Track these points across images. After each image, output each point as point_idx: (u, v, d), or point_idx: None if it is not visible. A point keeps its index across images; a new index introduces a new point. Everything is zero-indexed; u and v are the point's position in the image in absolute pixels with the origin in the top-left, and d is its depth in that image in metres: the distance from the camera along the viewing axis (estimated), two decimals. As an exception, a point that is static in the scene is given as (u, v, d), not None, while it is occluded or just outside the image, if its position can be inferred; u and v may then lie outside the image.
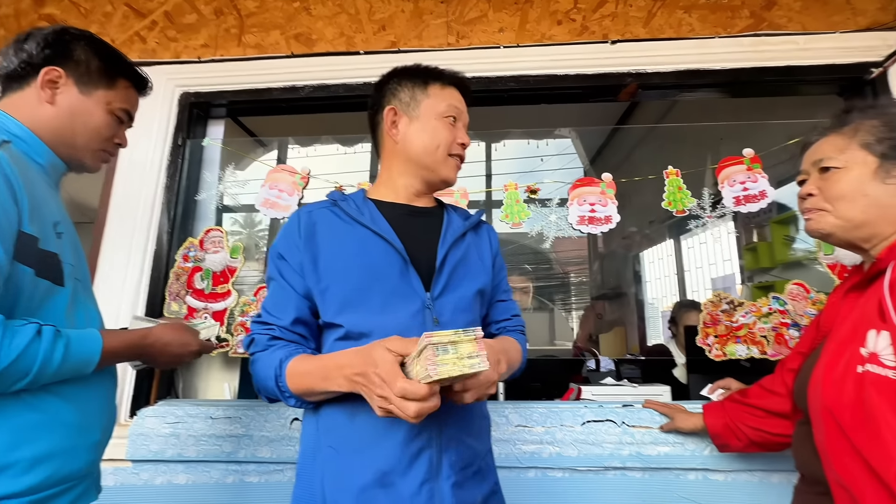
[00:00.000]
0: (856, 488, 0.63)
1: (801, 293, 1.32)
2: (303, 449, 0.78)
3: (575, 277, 4.46)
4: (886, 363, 0.61)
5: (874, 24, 1.46)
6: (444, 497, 0.68)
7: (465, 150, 0.87)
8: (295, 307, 0.76)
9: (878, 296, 0.65)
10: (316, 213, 0.81)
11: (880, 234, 0.73)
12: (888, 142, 0.73)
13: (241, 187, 1.54)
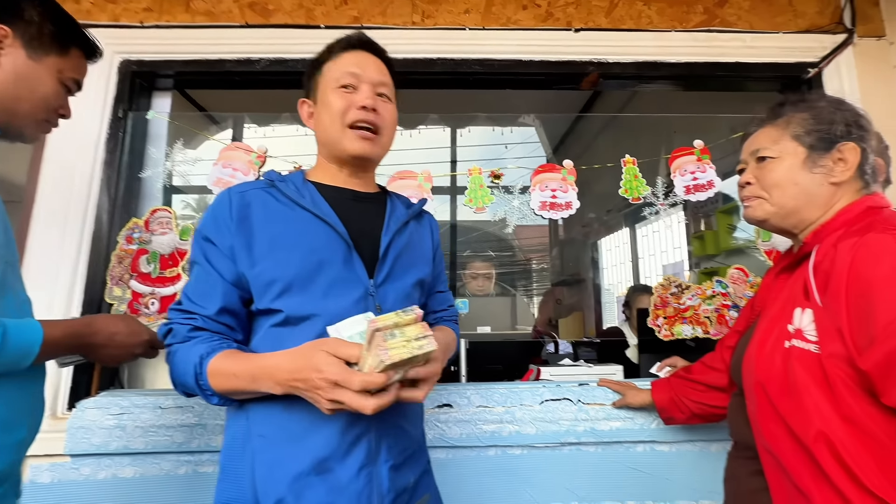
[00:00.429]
0: (780, 452, 0.69)
1: (741, 277, 1.42)
2: (228, 440, 0.73)
3: (536, 264, 4.57)
4: (809, 338, 0.67)
5: (812, 27, 1.57)
6: (382, 480, 0.69)
7: (371, 112, 0.76)
8: (222, 295, 0.71)
9: (804, 277, 0.71)
10: (250, 193, 0.75)
11: (808, 220, 0.79)
12: (816, 134, 0.78)
13: (191, 166, 1.45)
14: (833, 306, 0.64)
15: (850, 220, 0.72)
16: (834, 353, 0.63)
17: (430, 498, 0.80)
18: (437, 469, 1.22)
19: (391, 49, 1.46)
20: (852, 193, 0.77)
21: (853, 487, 0.60)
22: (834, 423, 0.62)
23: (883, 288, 0.58)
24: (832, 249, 0.67)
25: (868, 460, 0.60)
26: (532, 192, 1.43)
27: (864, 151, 0.76)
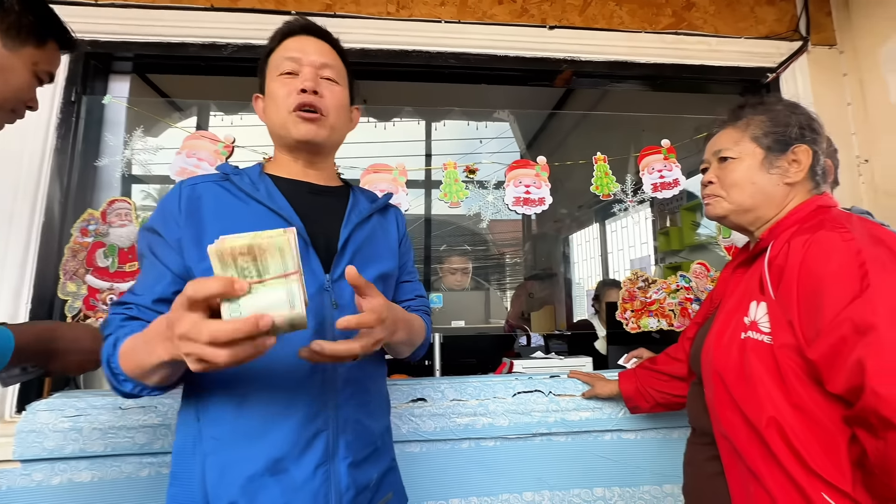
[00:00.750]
0: (735, 437, 0.73)
1: (703, 272, 1.49)
2: (179, 443, 0.70)
3: (510, 258, 4.63)
4: (763, 329, 0.71)
5: (771, 34, 1.64)
6: (340, 478, 0.67)
7: (312, 95, 0.73)
8: (164, 285, 0.67)
9: (760, 271, 0.75)
10: (201, 186, 0.73)
11: (764, 218, 0.84)
12: (772, 136, 0.82)
13: (152, 154, 1.38)
14: (785, 300, 0.68)
15: (802, 219, 0.77)
16: (785, 343, 0.67)
17: (392, 496, 0.78)
18: (412, 463, 1.23)
19: (364, 39, 1.45)
20: (804, 193, 0.82)
21: (800, 469, 0.64)
22: (784, 409, 0.66)
23: (830, 284, 0.62)
24: (786, 246, 0.71)
25: (813, 443, 0.64)
26: (506, 187, 1.44)
27: (815, 153, 0.80)
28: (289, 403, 0.66)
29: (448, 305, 1.85)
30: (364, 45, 1.42)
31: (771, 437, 0.66)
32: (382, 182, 1.40)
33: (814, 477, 0.63)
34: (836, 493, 0.62)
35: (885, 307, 0.57)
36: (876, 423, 0.56)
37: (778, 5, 1.67)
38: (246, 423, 0.65)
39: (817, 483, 0.63)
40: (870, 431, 0.57)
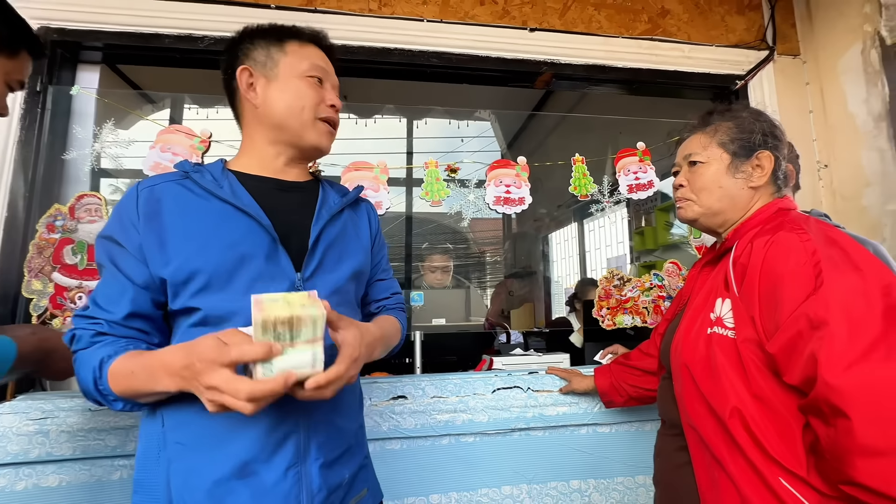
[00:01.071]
0: (701, 427, 0.77)
1: (675, 270, 1.54)
2: (142, 450, 0.68)
3: (490, 257, 4.68)
4: (727, 325, 0.75)
5: (740, 43, 1.72)
6: (312, 479, 0.66)
7: (337, 113, 0.80)
8: (130, 300, 0.66)
9: (725, 270, 0.79)
10: (160, 187, 0.70)
11: (730, 220, 0.88)
12: (738, 142, 0.86)
13: (124, 148, 1.33)
14: (748, 296, 0.72)
15: (764, 220, 0.81)
16: (747, 338, 0.71)
17: (367, 492, 0.78)
18: (393, 460, 1.24)
19: (347, 36, 1.44)
20: (767, 196, 0.86)
21: (759, 455, 0.68)
22: (746, 400, 0.70)
23: (789, 282, 0.66)
24: (749, 245, 0.75)
25: (772, 431, 0.68)
26: (487, 186, 1.46)
27: (777, 159, 0.85)
28: None
29: (429, 303, 1.86)
30: (345, 42, 1.41)
31: (734, 426, 0.70)
32: (364, 180, 1.40)
33: (772, 463, 0.67)
34: (792, 477, 0.66)
35: (837, 304, 0.61)
36: (827, 411, 0.60)
37: (747, 15, 1.74)
38: (212, 427, 0.64)
39: (775, 469, 0.67)
40: (822, 419, 0.62)
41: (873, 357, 0.57)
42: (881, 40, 1.50)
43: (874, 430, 0.55)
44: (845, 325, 0.59)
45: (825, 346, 0.60)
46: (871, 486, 0.56)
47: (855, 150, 1.58)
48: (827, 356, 0.59)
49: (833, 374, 0.58)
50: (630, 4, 1.65)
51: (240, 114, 0.79)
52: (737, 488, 0.70)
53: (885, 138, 1.49)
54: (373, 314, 0.91)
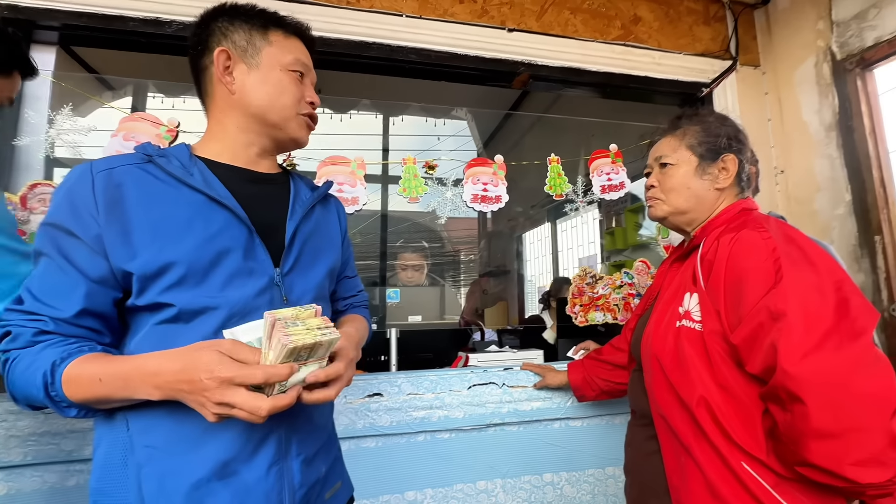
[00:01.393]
0: (670, 416, 0.81)
1: (644, 269, 1.60)
2: (103, 456, 0.62)
3: (464, 255, 4.70)
4: (695, 318, 0.79)
5: (706, 52, 1.79)
6: (294, 475, 0.65)
7: (315, 109, 0.79)
8: (83, 296, 0.60)
9: (693, 265, 0.83)
10: (119, 171, 0.63)
11: (698, 219, 0.92)
12: (705, 145, 0.91)
13: (83, 136, 1.26)
14: (714, 290, 0.76)
15: (729, 219, 0.86)
16: (713, 330, 0.75)
17: (341, 485, 0.79)
18: (368, 458, 1.23)
19: (325, 28, 1.41)
20: (731, 197, 0.91)
21: (724, 441, 0.72)
22: (712, 389, 0.74)
23: (752, 277, 0.70)
24: (715, 243, 0.79)
25: (735, 418, 0.72)
26: (465, 184, 1.47)
27: (741, 162, 0.89)
28: None
29: (405, 301, 1.85)
30: (323, 34, 1.38)
31: (700, 414, 0.74)
32: (340, 175, 1.38)
33: (735, 448, 0.71)
34: (753, 461, 0.70)
35: (795, 297, 0.65)
36: (785, 397, 0.64)
37: (713, 26, 1.82)
38: (187, 428, 0.60)
39: (738, 453, 0.71)
40: (780, 405, 0.66)
41: (826, 347, 0.62)
42: (832, 55, 1.60)
43: (826, 414, 0.60)
44: (802, 317, 0.64)
45: (784, 336, 0.64)
46: (823, 466, 0.61)
47: (808, 158, 1.69)
48: (785, 346, 0.63)
49: (791, 362, 0.62)
50: (604, 10, 1.69)
51: (208, 95, 0.74)
52: (703, 473, 0.73)
53: (834, 147, 1.59)
54: (340, 311, 0.91)
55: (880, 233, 1.45)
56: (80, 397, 0.57)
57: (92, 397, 0.57)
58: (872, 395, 0.60)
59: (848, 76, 1.55)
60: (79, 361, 0.57)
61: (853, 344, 0.62)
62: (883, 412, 0.59)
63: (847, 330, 0.63)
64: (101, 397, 0.57)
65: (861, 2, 1.52)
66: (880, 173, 1.48)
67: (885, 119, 1.51)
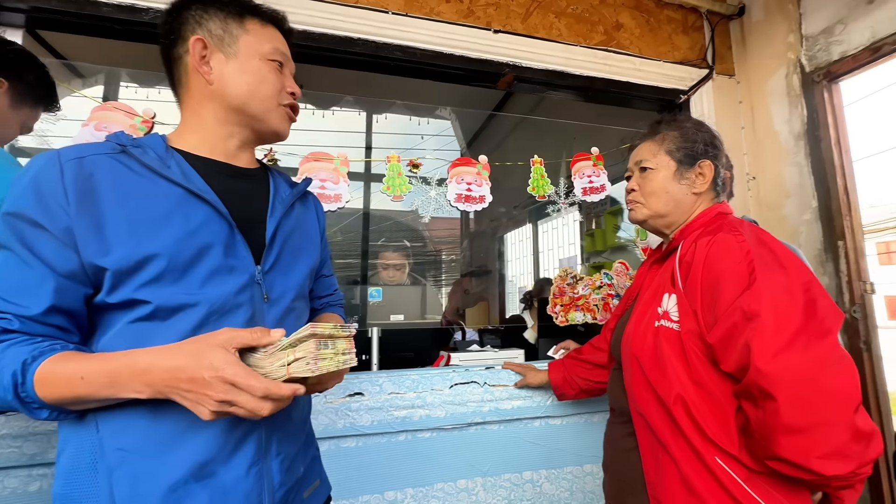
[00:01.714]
0: (648, 413, 0.83)
1: (623, 270, 1.64)
2: (69, 461, 0.59)
3: (445, 255, 4.71)
4: (673, 318, 0.81)
5: (685, 60, 1.85)
6: (273, 476, 0.64)
7: (297, 100, 0.78)
8: (52, 291, 0.57)
9: (672, 267, 0.86)
10: (91, 161, 0.60)
11: (676, 222, 0.95)
12: (683, 150, 0.94)
13: (51, 124, 1.20)
14: (691, 291, 0.78)
15: (706, 223, 0.89)
16: (690, 329, 0.77)
17: (320, 483, 0.78)
18: (348, 458, 1.21)
19: (309, 21, 1.39)
20: (707, 201, 0.94)
21: (699, 437, 0.75)
22: (688, 387, 0.76)
23: (726, 279, 0.73)
24: (693, 245, 0.82)
25: (709, 415, 0.75)
26: (449, 183, 1.47)
27: (716, 168, 0.93)
28: None
29: (387, 300, 1.84)
30: (307, 28, 1.36)
31: (677, 411, 0.76)
32: (323, 171, 1.36)
33: (709, 444, 0.74)
34: (726, 456, 0.73)
35: (767, 298, 0.68)
36: (757, 394, 0.66)
37: (691, 35, 1.88)
38: (163, 429, 0.59)
39: (712, 449, 0.73)
40: (752, 402, 0.68)
41: (795, 346, 0.65)
42: (802, 67, 1.67)
43: (795, 410, 0.62)
44: (773, 317, 0.66)
45: (756, 336, 0.66)
46: (791, 460, 0.63)
47: (778, 165, 1.76)
48: (758, 345, 0.66)
49: (763, 360, 0.65)
50: (588, 16, 1.72)
51: (182, 86, 0.71)
52: (678, 469, 0.76)
53: (802, 155, 1.66)
54: (317, 310, 0.91)
55: (843, 238, 1.52)
56: (54, 397, 0.55)
57: (69, 397, 0.55)
58: (837, 391, 0.63)
59: (816, 88, 1.62)
60: (52, 360, 0.55)
61: (820, 343, 0.65)
62: (847, 408, 0.62)
63: (815, 330, 0.66)
64: (80, 397, 0.55)
65: (829, 17, 1.59)
66: (844, 181, 1.55)
67: (850, 130, 1.59)
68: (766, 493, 0.71)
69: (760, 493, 0.70)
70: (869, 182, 7.27)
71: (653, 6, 1.82)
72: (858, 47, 1.49)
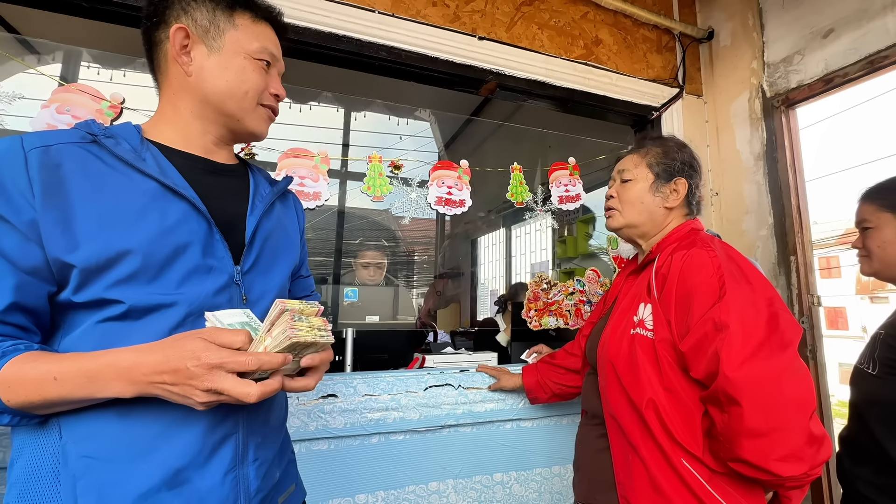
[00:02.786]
0: (621, 416, 0.86)
1: (595, 277, 1.69)
2: (26, 469, 0.55)
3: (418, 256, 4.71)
4: (647, 327, 0.85)
5: (657, 78, 1.93)
6: (250, 482, 0.62)
7: (279, 102, 0.75)
8: (13, 288, 0.53)
9: (648, 278, 0.90)
10: (58, 150, 0.57)
11: (648, 233, 1.00)
12: (661, 165, 0.99)
13: (6, 104, 1.12)
14: (666, 302, 0.82)
15: (681, 237, 0.94)
16: (663, 338, 0.81)
17: (295, 488, 0.77)
18: (319, 461, 1.19)
19: (293, 15, 1.36)
20: (680, 217, 0.99)
21: (667, 440, 0.79)
22: (659, 392, 0.80)
23: (699, 291, 0.78)
24: (669, 258, 0.86)
25: (678, 419, 0.79)
26: (430, 186, 1.47)
27: (691, 186, 0.98)
28: (190, 408, 0.57)
29: (362, 301, 1.82)
30: (291, 21, 1.33)
31: (649, 415, 0.80)
32: (302, 168, 1.33)
33: (677, 446, 0.78)
34: (691, 458, 0.77)
35: (736, 310, 0.73)
36: (724, 400, 0.71)
37: (664, 55, 1.97)
38: (134, 436, 0.55)
39: (679, 451, 0.78)
40: (719, 407, 0.73)
41: (760, 356, 0.69)
42: (763, 92, 1.79)
43: (758, 415, 0.67)
44: (740, 329, 0.71)
45: (725, 345, 0.71)
46: (752, 461, 0.68)
47: (739, 183, 1.87)
48: (726, 354, 0.70)
49: (731, 368, 0.69)
50: (569, 29, 1.77)
51: (161, 72, 0.68)
52: (647, 469, 0.79)
53: (761, 174, 1.78)
54: None
55: (795, 254, 1.64)
56: (20, 401, 0.51)
57: (38, 400, 0.51)
58: (796, 399, 0.68)
59: (775, 112, 1.73)
60: (18, 360, 0.52)
61: (782, 354, 0.70)
62: (803, 414, 0.67)
63: (777, 341, 0.71)
64: (49, 399, 0.52)
65: (788, 47, 1.71)
66: (797, 201, 1.67)
67: (804, 153, 1.71)
68: (726, 492, 0.75)
69: (721, 493, 0.75)
70: (813, 201, 8.07)
71: (630, 24, 1.90)
72: (813, 77, 1.61)
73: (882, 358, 0.94)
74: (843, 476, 1.00)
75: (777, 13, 1.76)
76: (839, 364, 12.80)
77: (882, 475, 0.90)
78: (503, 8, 1.65)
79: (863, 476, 0.94)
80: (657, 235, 0.99)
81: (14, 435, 0.59)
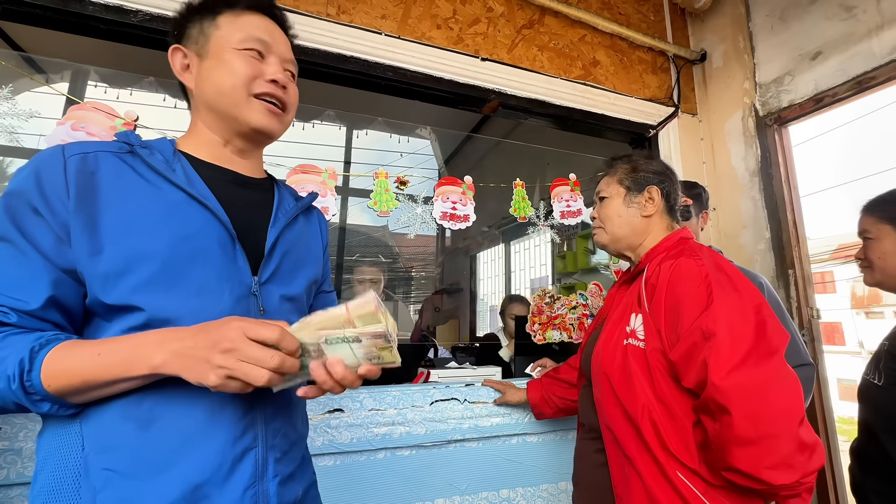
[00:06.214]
0: (616, 427, 0.87)
1: (597, 291, 1.71)
2: (49, 481, 0.55)
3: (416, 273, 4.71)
4: (639, 337, 0.87)
5: (654, 97, 1.99)
6: (269, 498, 0.61)
7: (283, 88, 0.70)
8: (50, 283, 0.54)
9: (639, 288, 0.92)
10: (95, 157, 0.60)
11: (634, 244, 1.03)
12: (629, 179, 1.04)
13: (22, 121, 1.14)
14: (656, 312, 0.84)
15: (669, 247, 0.96)
16: (655, 348, 0.83)
17: None
18: (325, 477, 1.18)
19: (304, 37, 1.41)
20: (663, 225, 1.02)
21: (661, 450, 0.79)
22: (652, 402, 0.81)
23: (687, 300, 0.79)
24: (658, 268, 0.88)
25: (672, 430, 0.80)
26: (435, 202, 1.50)
27: (667, 194, 1.01)
28: (211, 419, 0.58)
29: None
30: (301, 43, 1.37)
31: (644, 426, 0.81)
32: (310, 184, 1.35)
33: (672, 459, 0.78)
34: (686, 470, 0.78)
35: (724, 319, 0.75)
36: (714, 408, 0.72)
37: (659, 75, 2.03)
38: (155, 448, 0.55)
39: (674, 463, 0.78)
40: (710, 416, 0.74)
41: (747, 363, 0.71)
42: (756, 111, 1.84)
43: (747, 423, 0.68)
44: (728, 336, 0.73)
45: (714, 353, 0.72)
46: (744, 470, 0.69)
47: (735, 198, 1.91)
48: (715, 362, 0.71)
49: (719, 376, 0.70)
50: (568, 51, 1.84)
51: (186, 93, 0.74)
52: (643, 483, 0.80)
53: (757, 190, 1.82)
54: None
55: (793, 267, 1.67)
56: (60, 385, 0.52)
57: (77, 383, 0.53)
58: (783, 406, 0.69)
59: (768, 130, 1.79)
60: (62, 346, 0.53)
61: (769, 361, 0.72)
62: (792, 421, 0.68)
63: (764, 349, 0.72)
64: (89, 381, 0.53)
65: (779, 68, 1.77)
66: (793, 215, 1.71)
67: (798, 169, 1.76)
68: (722, 504, 0.75)
69: (716, 504, 0.75)
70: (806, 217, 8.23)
71: (626, 46, 1.97)
72: (804, 97, 1.67)
73: (887, 369, 0.96)
74: (856, 489, 1.01)
75: (766, 36, 1.83)
76: (838, 380, 12.77)
77: (892, 484, 0.91)
78: (504, 31, 1.71)
79: (875, 488, 0.94)
80: (643, 245, 1.02)
81: (38, 448, 0.59)
